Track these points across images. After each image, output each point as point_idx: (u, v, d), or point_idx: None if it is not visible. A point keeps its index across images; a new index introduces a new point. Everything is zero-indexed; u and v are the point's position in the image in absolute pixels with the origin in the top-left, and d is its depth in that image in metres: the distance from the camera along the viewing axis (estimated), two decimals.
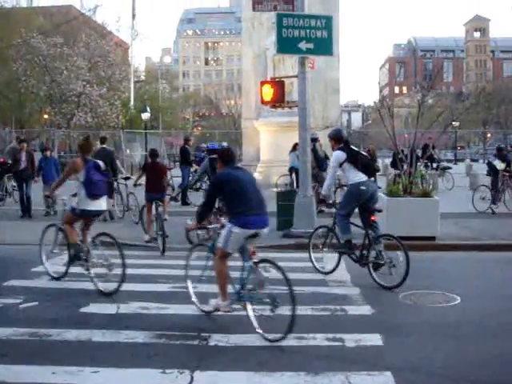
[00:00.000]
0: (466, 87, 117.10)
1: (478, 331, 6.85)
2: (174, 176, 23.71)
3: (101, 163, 9.14)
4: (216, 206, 8.58)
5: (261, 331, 6.47)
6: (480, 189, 19.02)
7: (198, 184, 15.85)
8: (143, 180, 12.80)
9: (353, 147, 9.76)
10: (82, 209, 8.90)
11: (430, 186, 15.83)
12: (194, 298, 7.67)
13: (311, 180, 14.53)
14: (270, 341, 6.33)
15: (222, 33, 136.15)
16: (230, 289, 7.02)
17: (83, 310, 7.70)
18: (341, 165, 9.47)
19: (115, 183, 16.38)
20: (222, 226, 7.14)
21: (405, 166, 13.53)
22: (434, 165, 26.22)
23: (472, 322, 7.29)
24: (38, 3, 62.80)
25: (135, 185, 13.29)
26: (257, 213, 6.92)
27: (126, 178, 16.77)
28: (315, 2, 24.12)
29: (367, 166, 9.58)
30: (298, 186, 13.89)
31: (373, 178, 10.73)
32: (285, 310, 6.28)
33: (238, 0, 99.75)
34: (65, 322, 7.11)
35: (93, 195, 8.84)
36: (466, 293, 8.56)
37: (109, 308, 7.72)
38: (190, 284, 7.80)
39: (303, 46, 13.16)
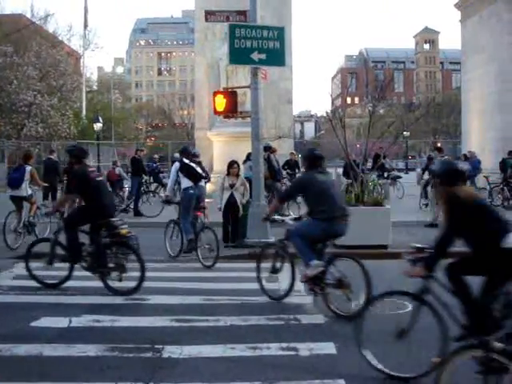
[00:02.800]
0: (417, 98, 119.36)
1: (430, 337, 6.95)
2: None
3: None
4: None
5: None
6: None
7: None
8: None
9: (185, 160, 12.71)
10: None
11: (382, 195, 16.04)
12: None
13: (265, 190, 14.58)
14: None
15: (175, 43, 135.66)
16: None
17: (34, 324, 7.56)
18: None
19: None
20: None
21: (358, 175, 13.69)
22: (386, 174, 26.58)
23: (424, 328, 7.38)
24: None
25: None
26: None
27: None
28: (268, 13, 24.24)
29: (193, 174, 12.55)
30: (251, 196, 13.90)
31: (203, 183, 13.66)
32: None
33: (190, 10, 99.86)
34: (15, 337, 6.96)
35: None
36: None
37: (60, 321, 7.59)
38: None
39: (256, 56, 13.23)
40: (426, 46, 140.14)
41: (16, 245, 13.49)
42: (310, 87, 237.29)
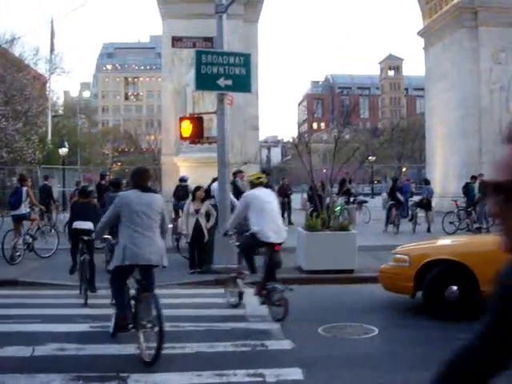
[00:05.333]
0: (382, 123, 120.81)
1: (395, 362, 7.00)
2: None
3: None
4: None
5: None
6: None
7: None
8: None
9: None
10: None
11: (348, 220, 16.17)
12: None
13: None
14: None
15: (142, 68, 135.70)
16: None
17: None
18: None
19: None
20: None
21: (324, 200, 13.79)
22: (352, 199, 26.80)
23: (389, 352, 7.45)
24: None
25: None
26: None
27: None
28: (235, 39, 24.45)
29: None
30: (217, 222, 13.89)
31: None
32: None
33: (158, 35, 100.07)
34: None
35: None
36: (384, 324, 8.76)
37: (23, 351, 7.43)
38: None
39: (222, 82, 13.31)
40: (391, 73, 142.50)
41: (15, 262, 14.81)
42: (277, 112, 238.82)
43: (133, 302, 7.42)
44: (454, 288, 8.82)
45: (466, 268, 8.82)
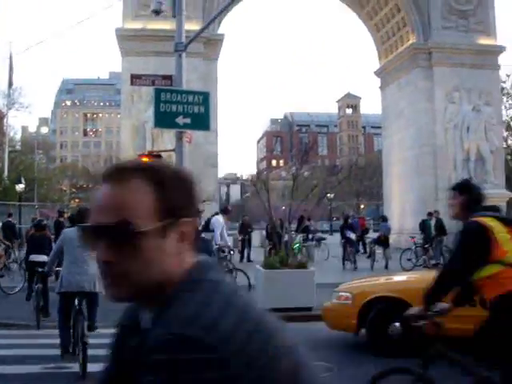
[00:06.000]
0: (340, 161, 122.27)
1: None
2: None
3: None
4: None
5: None
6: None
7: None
8: None
9: None
10: None
11: (306, 257, 16.23)
12: None
13: None
14: None
15: (102, 104, 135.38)
16: None
17: None
18: None
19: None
20: None
21: (282, 238, 13.83)
22: (310, 236, 26.95)
23: None
24: None
25: None
26: None
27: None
28: (194, 77, 24.64)
29: None
30: None
31: None
32: None
33: (118, 72, 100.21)
34: None
35: None
36: (343, 361, 8.74)
37: None
38: None
39: (180, 120, 13.34)
40: (349, 111, 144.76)
41: None
42: (237, 149, 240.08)
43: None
44: (397, 324, 8.86)
45: (407, 304, 8.89)
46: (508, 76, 46.03)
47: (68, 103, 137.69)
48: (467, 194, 4.87)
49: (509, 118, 46.74)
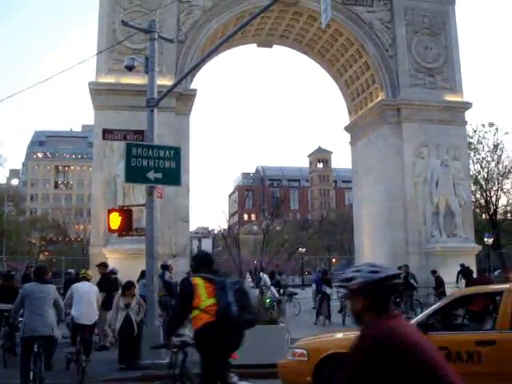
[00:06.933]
0: (312, 215, 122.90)
1: None
2: None
3: None
4: None
5: None
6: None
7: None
8: None
9: None
10: None
11: (277, 313, 16.12)
12: None
13: (159, 308, 14.33)
14: None
15: (74, 157, 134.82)
16: None
17: None
18: None
19: None
20: None
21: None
22: (281, 290, 26.81)
23: None
24: None
25: None
26: None
27: None
28: (166, 132, 24.76)
29: None
30: (145, 315, 13.61)
31: None
32: None
33: (90, 125, 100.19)
34: None
35: None
36: None
37: None
38: None
39: (152, 175, 13.38)
40: (320, 165, 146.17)
41: None
42: (208, 203, 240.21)
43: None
44: None
45: None
46: (475, 131, 47.13)
47: (40, 155, 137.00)
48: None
49: (476, 173, 47.60)
